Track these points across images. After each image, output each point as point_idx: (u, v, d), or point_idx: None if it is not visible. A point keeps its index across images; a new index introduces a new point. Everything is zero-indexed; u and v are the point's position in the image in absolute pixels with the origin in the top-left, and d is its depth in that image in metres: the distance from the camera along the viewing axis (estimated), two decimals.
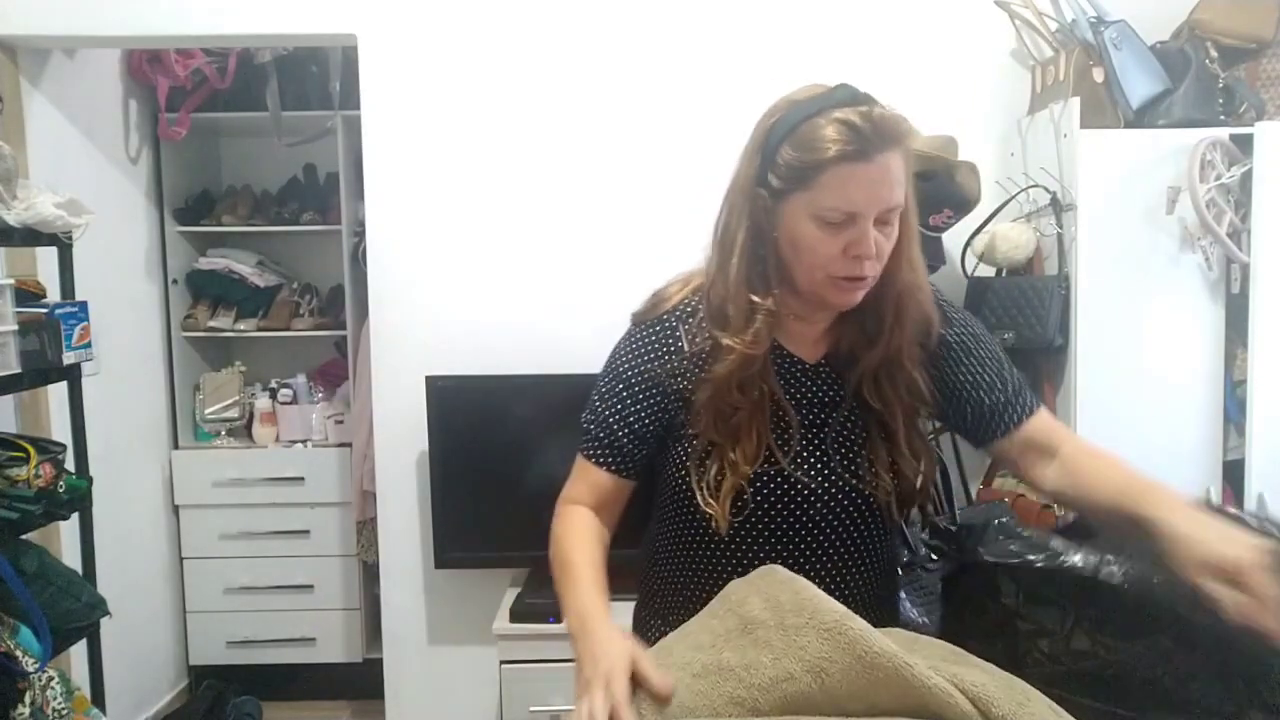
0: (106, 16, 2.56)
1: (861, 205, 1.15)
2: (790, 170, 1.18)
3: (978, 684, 0.97)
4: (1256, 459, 2.21)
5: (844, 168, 1.15)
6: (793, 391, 1.29)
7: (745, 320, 1.24)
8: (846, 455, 1.28)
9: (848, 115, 1.16)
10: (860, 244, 1.17)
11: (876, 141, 1.14)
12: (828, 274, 1.20)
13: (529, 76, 2.60)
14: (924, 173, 2.24)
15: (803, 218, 1.18)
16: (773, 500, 1.26)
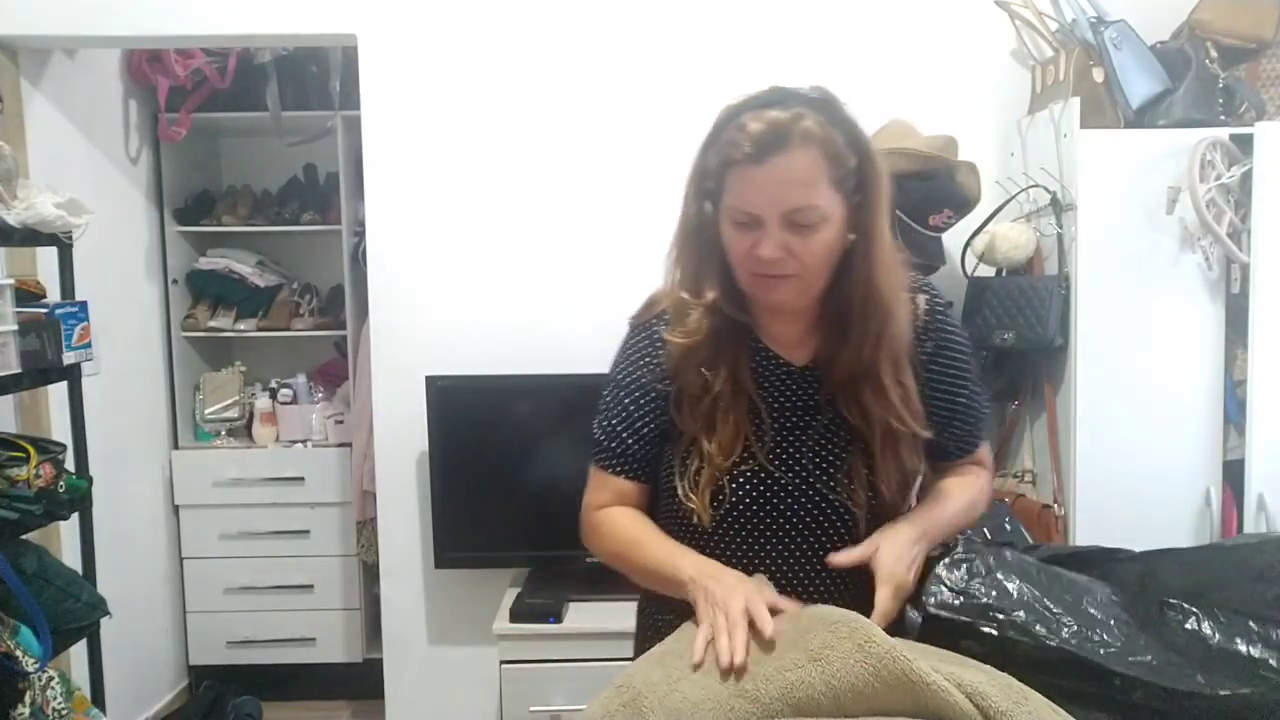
0: (106, 16, 2.56)
1: (757, 207, 1.18)
2: (713, 174, 1.23)
3: (975, 682, 0.97)
4: (1256, 459, 2.21)
5: (740, 170, 1.18)
6: (773, 392, 1.30)
7: (681, 315, 1.29)
8: (823, 462, 1.28)
9: (749, 119, 1.18)
10: (760, 244, 1.19)
11: (769, 145, 1.16)
12: (747, 271, 1.23)
13: (529, 76, 2.60)
14: (924, 173, 2.25)
15: (724, 218, 1.23)
16: (753, 495, 1.28)
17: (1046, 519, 2.29)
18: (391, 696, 2.77)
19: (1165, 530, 2.25)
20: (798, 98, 1.20)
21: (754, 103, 1.20)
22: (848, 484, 1.27)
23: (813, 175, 1.17)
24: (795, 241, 1.19)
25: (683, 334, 1.28)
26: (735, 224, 1.21)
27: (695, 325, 1.27)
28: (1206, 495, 2.26)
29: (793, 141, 1.16)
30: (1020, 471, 2.48)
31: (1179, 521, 2.27)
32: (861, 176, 1.22)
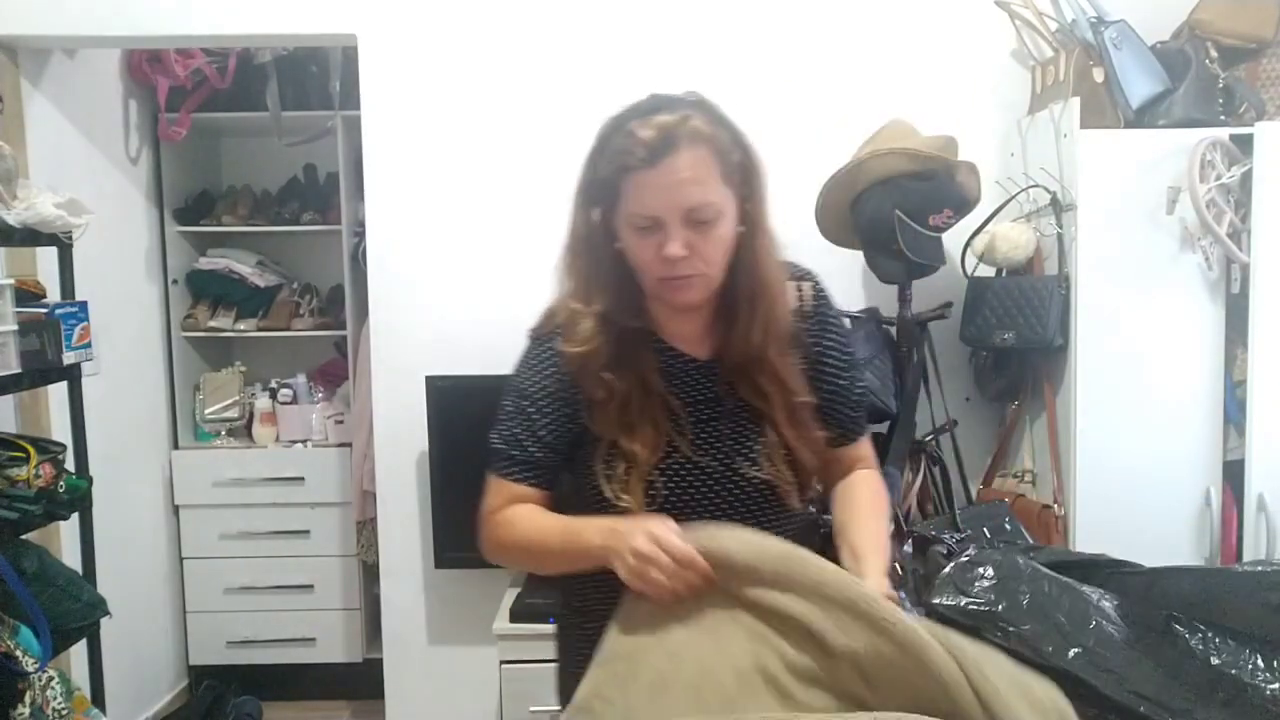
0: (106, 16, 2.56)
1: (657, 209, 1.22)
2: (605, 184, 1.26)
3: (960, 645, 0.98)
4: (1256, 459, 2.21)
5: (635, 176, 1.22)
6: (682, 387, 1.34)
7: (572, 327, 1.32)
8: (740, 445, 1.32)
9: (638, 126, 1.23)
10: (665, 245, 1.22)
11: (660, 148, 1.20)
12: (654, 277, 1.27)
13: (529, 76, 2.60)
14: (924, 173, 2.25)
15: (624, 227, 1.26)
16: (684, 487, 1.31)
17: (1046, 519, 2.29)
18: (391, 696, 2.77)
19: (1165, 530, 2.26)
20: (680, 102, 1.27)
21: (637, 111, 1.26)
22: (768, 463, 1.31)
23: (705, 173, 1.22)
24: (697, 239, 1.23)
25: (576, 344, 1.31)
26: (637, 230, 1.24)
27: (587, 335, 1.30)
28: (1206, 495, 2.26)
29: (682, 142, 1.21)
30: (1020, 471, 2.48)
31: (1179, 521, 2.27)
32: (746, 170, 1.28)
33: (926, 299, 2.41)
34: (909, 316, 2.37)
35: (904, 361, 2.35)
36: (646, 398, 1.30)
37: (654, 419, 1.29)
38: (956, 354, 2.57)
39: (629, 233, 1.26)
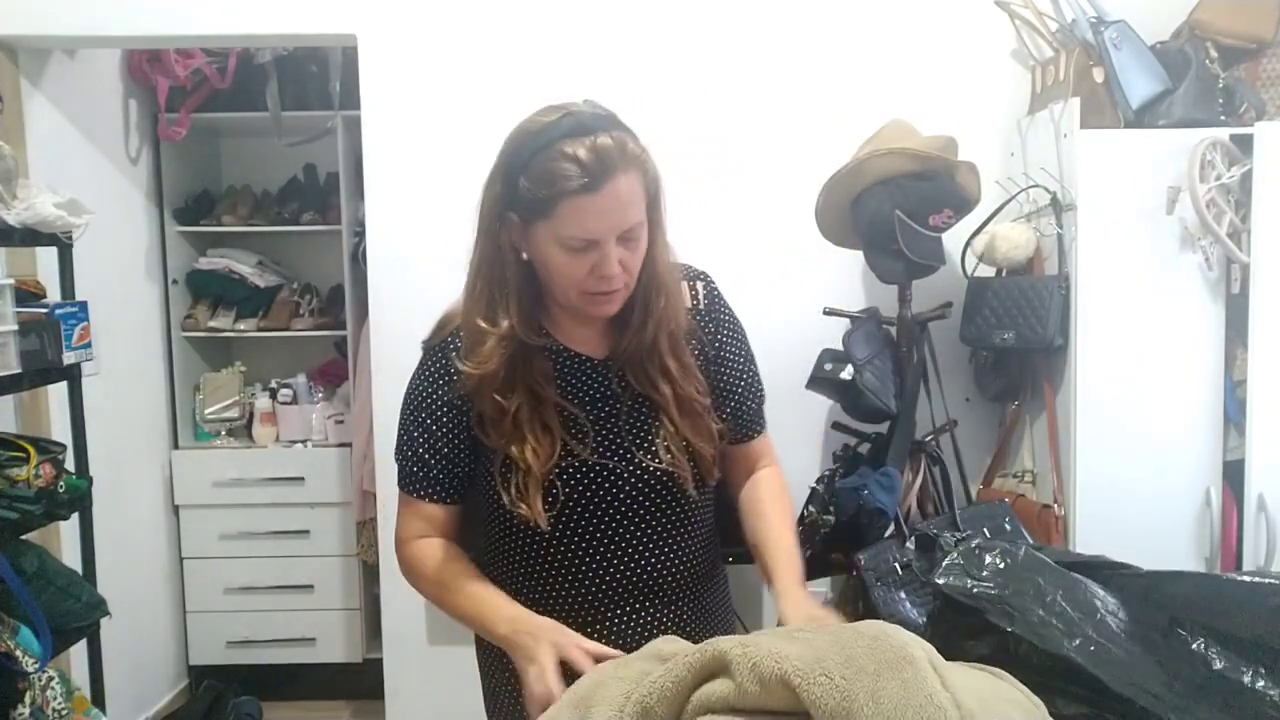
0: (106, 16, 2.56)
1: (599, 233, 1.23)
2: (530, 202, 1.25)
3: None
4: (1256, 459, 2.21)
5: (576, 200, 1.21)
6: (580, 388, 1.36)
7: (475, 343, 1.32)
8: (640, 439, 1.35)
9: (574, 149, 1.21)
10: (604, 265, 1.25)
11: (600, 173, 1.20)
12: (580, 291, 1.28)
13: (529, 76, 2.60)
14: (924, 173, 2.24)
15: (549, 244, 1.26)
16: (582, 489, 1.33)
17: (1046, 519, 2.29)
18: (391, 696, 2.77)
19: (1165, 530, 2.26)
20: (600, 120, 1.26)
21: (558, 130, 1.23)
22: (668, 454, 1.34)
23: (639, 194, 1.26)
24: (626, 255, 1.26)
25: (475, 364, 1.31)
26: (569, 250, 1.25)
27: (488, 354, 1.31)
28: (1206, 495, 2.26)
29: (620, 167, 1.22)
30: (1020, 471, 2.48)
31: (1179, 521, 2.27)
32: (656, 182, 1.30)
33: (926, 299, 2.41)
34: (909, 316, 2.37)
35: (904, 361, 2.35)
36: (539, 407, 1.32)
37: (546, 426, 1.31)
38: (956, 354, 2.57)
39: (557, 252, 1.26)
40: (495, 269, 1.34)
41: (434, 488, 1.39)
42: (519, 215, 1.28)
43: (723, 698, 0.99)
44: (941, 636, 1.34)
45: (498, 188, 1.31)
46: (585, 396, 1.36)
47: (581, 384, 1.37)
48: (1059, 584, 1.26)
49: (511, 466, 1.31)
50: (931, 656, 0.99)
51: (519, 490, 1.31)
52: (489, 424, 1.32)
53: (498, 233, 1.32)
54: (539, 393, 1.32)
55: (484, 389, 1.32)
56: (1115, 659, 1.17)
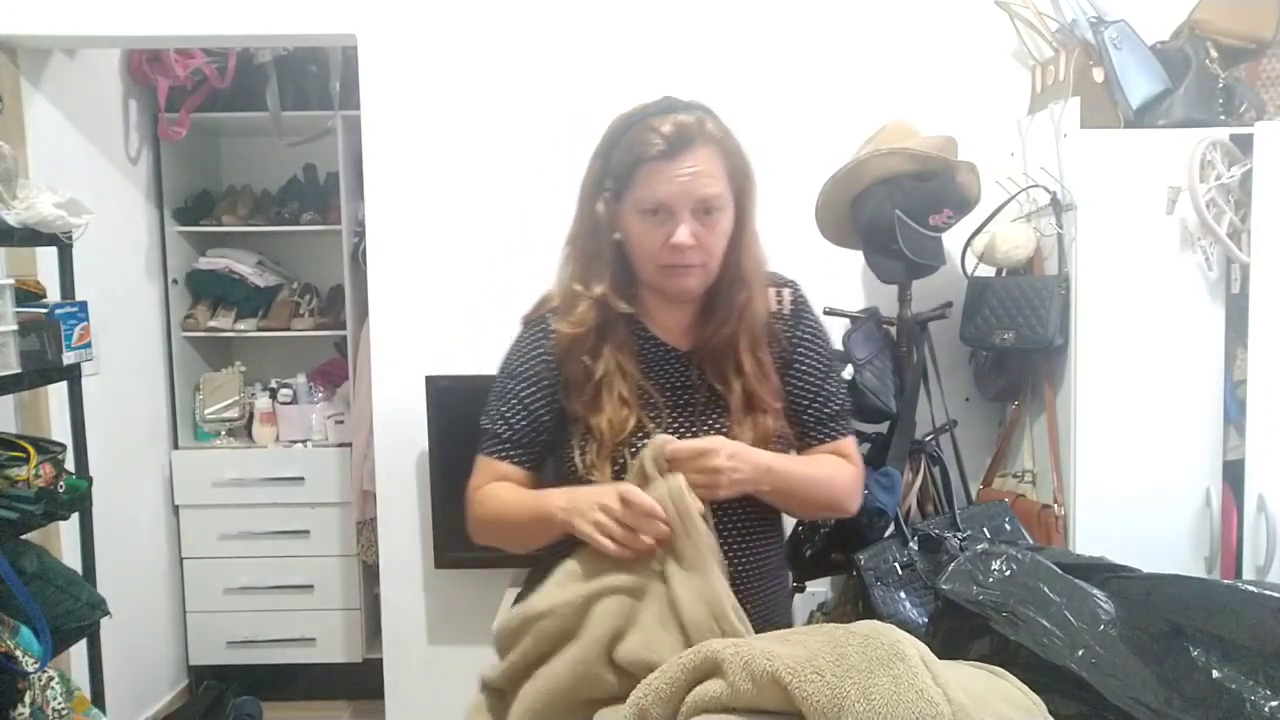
0: (106, 16, 2.56)
1: (670, 198, 1.32)
2: (618, 172, 1.36)
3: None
4: (1256, 459, 2.21)
5: (653, 166, 1.33)
6: (662, 374, 1.43)
7: (569, 306, 1.41)
8: (713, 427, 1.40)
9: (658, 123, 1.34)
10: (675, 233, 1.32)
11: (678, 143, 1.32)
12: (656, 264, 1.37)
13: (529, 76, 2.60)
14: (924, 173, 2.24)
15: (631, 214, 1.36)
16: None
17: (1046, 519, 2.29)
18: (391, 696, 2.77)
19: (1165, 530, 2.26)
20: (692, 106, 1.38)
21: (655, 110, 1.37)
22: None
23: (715, 169, 1.35)
24: (702, 231, 1.34)
25: (570, 324, 1.40)
26: (646, 216, 1.34)
27: (581, 316, 1.40)
28: (1206, 495, 2.26)
29: (698, 139, 1.34)
30: (1020, 471, 2.48)
31: (1179, 521, 2.27)
32: (744, 175, 1.40)
33: (926, 299, 2.41)
34: (909, 316, 2.37)
35: (904, 361, 2.35)
36: (621, 379, 1.38)
37: (622, 398, 1.37)
38: (956, 354, 2.57)
39: (636, 220, 1.35)
40: (591, 241, 1.41)
41: (512, 448, 1.44)
42: (612, 189, 1.38)
43: (715, 697, 0.99)
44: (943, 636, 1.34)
45: (597, 164, 1.42)
46: (664, 382, 1.42)
47: (662, 370, 1.43)
48: (1063, 592, 1.26)
49: (589, 435, 1.38)
50: (924, 654, 1.00)
51: (591, 456, 1.37)
52: (573, 390, 1.40)
53: (594, 207, 1.40)
54: (623, 365, 1.39)
55: (574, 350, 1.40)
56: (1116, 671, 1.17)
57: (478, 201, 2.63)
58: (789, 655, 0.99)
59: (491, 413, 1.47)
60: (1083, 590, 1.28)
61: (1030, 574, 1.29)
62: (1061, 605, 1.25)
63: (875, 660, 0.98)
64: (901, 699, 0.94)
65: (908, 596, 2.10)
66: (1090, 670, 1.17)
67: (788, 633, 1.16)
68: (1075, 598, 1.26)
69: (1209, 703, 1.14)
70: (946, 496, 2.38)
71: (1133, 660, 1.19)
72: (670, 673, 1.03)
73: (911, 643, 1.01)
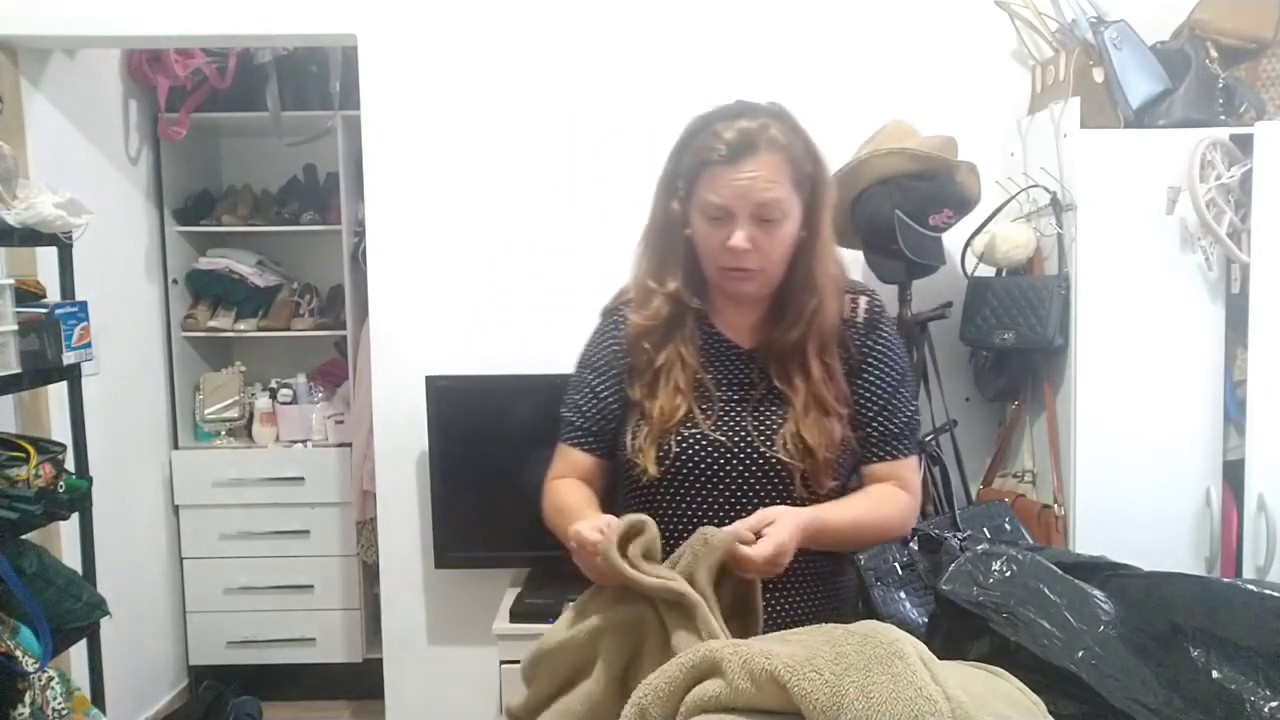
0: (106, 16, 2.56)
1: (728, 202, 1.35)
2: (687, 173, 1.39)
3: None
4: (1256, 459, 2.21)
5: (715, 170, 1.35)
6: (721, 369, 1.46)
7: (644, 300, 1.46)
8: (762, 429, 1.41)
9: (723, 128, 1.36)
10: (732, 236, 1.35)
11: (740, 149, 1.34)
12: (717, 266, 1.40)
13: (529, 76, 2.60)
14: (924, 173, 2.25)
15: (696, 214, 1.39)
16: (694, 452, 1.41)
17: (1046, 519, 2.29)
18: (391, 696, 2.77)
19: (1165, 530, 2.26)
20: (762, 110, 1.40)
21: (724, 114, 1.39)
22: (784, 445, 1.40)
23: (777, 176, 1.35)
24: (761, 236, 1.35)
25: (643, 316, 1.45)
26: (708, 219, 1.37)
27: (655, 310, 1.44)
28: (1206, 495, 2.26)
29: (760, 147, 1.35)
30: (1020, 471, 2.48)
31: (1179, 521, 2.27)
32: (815, 180, 1.41)
33: (926, 299, 2.41)
34: (909, 316, 2.37)
35: None
36: (679, 370, 1.42)
37: (677, 387, 1.41)
38: (956, 354, 2.57)
39: (700, 221, 1.39)
40: (664, 237, 1.45)
41: (582, 436, 1.48)
42: (683, 188, 1.41)
43: (715, 696, 0.99)
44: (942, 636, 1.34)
45: (671, 163, 1.44)
46: (722, 376, 1.45)
47: (722, 365, 1.46)
48: (1063, 593, 1.26)
49: (643, 420, 1.42)
50: (922, 653, 1.00)
51: (639, 439, 1.42)
52: (636, 375, 1.45)
53: (669, 204, 1.44)
54: (684, 356, 1.43)
55: (641, 340, 1.45)
56: (1115, 672, 1.17)
57: (478, 201, 2.63)
58: (788, 654, 0.99)
59: (567, 401, 1.52)
60: (1083, 591, 1.27)
61: (1031, 575, 1.29)
62: (1061, 606, 1.24)
63: (874, 659, 0.98)
64: (900, 697, 0.94)
65: (908, 596, 2.10)
66: (1090, 672, 1.17)
67: (786, 633, 1.16)
68: (1075, 599, 1.26)
69: (1209, 703, 1.14)
70: (946, 496, 2.38)
71: (1133, 661, 1.19)
72: (669, 672, 1.04)
73: (910, 642, 1.01)
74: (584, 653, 1.23)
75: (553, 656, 1.25)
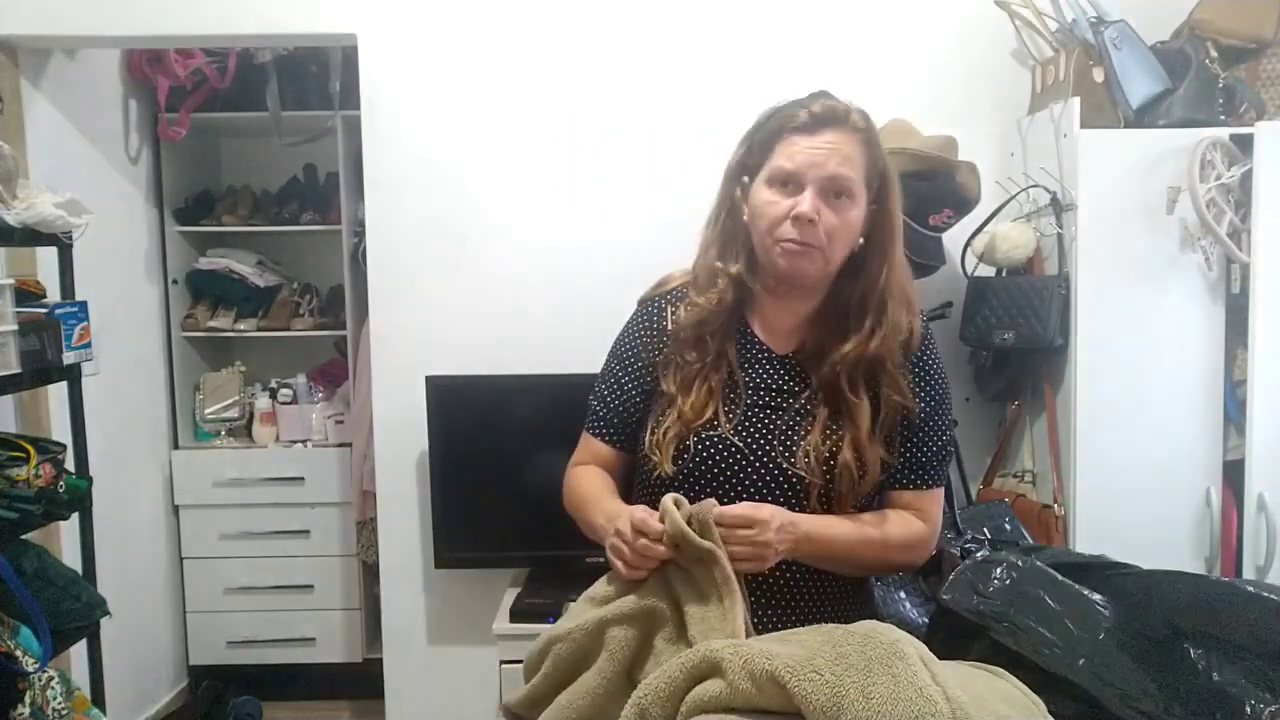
0: (106, 16, 2.56)
1: (803, 166, 1.34)
2: (761, 144, 1.39)
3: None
4: (1256, 459, 2.21)
5: (792, 137, 1.36)
6: (754, 373, 1.43)
7: (710, 281, 1.43)
8: (784, 440, 1.38)
9: (809, 101, 1.39)
10: (800, 204, 1.33)
11: (822, 121, 1.35)
12: (775, 238, 1.36)
13: (529, 76, 2.60)
14: (924, 173, 2.24)
15: (761, 185, 1.38)
16: (714, 456, 1.38)
17: (1046, 519, 2.29)
18: (391, 696, 2.77)
19: (1165, 530, 2.26)
20: (839, 99, 1.41)
21: (803, 99, 1.40)
22: (807, 460, 1.36)
23: (854, 156, 1.35)
24: (826, 211, 1.33)
25: (709, 298, 1.42)
26: (776, 185, 1.36)
27: (721, 293, 1.41)
28: (1206, 495, 2.26)
29: (845, 124, 1.36)
30: (1020, 471, 2.48)
31: (1179, 521, 2.27)
32: (883, 184, 1.40)
33: (926, 299, 2.41)
34: None
35: None
36: (716, 368, 1.40)
37: (711, 388, 1.39)
38: (956, 354, 2.57)
39: (765, 191, 1.36)
40: (730, 221, 1.44)
41: (605, 427, 1.49)
42: (754, 162, 1.40)
43: (715, 697, 0.99)
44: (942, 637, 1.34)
45: (741, 148, 1.44)
46: (755, 381, 1.43)
47: (756, 369, 1.44)
48: (1063, 600, 1.26)
49: (668, 414, 1.40)
50: (923, 653, 1.00)
51: (660, 435, 1.39)
52: (675, 367, 1.42)
53: (735, 190, 1.43)
54: (726, 354, 1.42)
55: (699, 327, 1.41)
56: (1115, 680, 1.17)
57: (478, 201, 2.63)
58: (788, 655, 0.99)
59: (595, 390, 1.52)
60: (1083, 597, 1.27)
61: (1031, 582, 1.29)
62: (1062, 614, 1.24)
63: (874, 659, 0.98)
64: (901, 697, 0.94)
65: (908, 596, 2.09)
66: (1090, 680, 1.17)
67: (786, 633, 1.16)
68: (1076, 606, 1.26)
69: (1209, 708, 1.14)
70: (946, 496, 2.38)
71: (1133, 668, 1.19)
72: (670, 673, 1.04)
73: (910, 642, 1.01)
74: (589, 643, 1.22)
75: (557, 645, 1.24)
